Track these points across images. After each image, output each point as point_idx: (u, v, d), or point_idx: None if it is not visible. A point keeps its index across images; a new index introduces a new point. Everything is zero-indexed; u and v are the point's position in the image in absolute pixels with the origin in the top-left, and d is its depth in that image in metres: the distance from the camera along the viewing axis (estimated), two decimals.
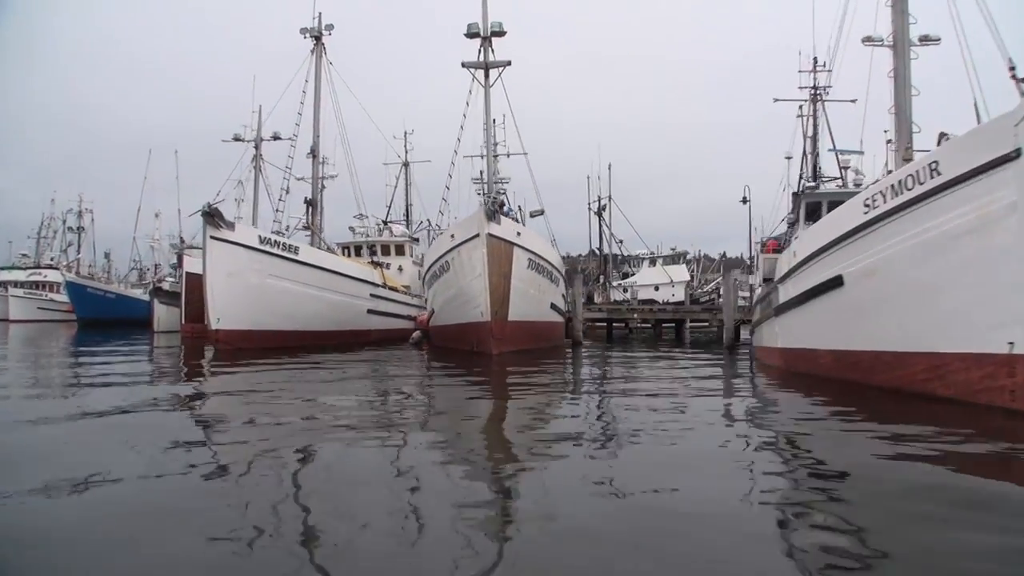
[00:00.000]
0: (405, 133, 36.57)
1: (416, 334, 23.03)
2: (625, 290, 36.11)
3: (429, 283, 20.34)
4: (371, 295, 24.11)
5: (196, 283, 27.24)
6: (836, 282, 10.67)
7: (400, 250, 31.05)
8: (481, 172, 27.22)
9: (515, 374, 13.57)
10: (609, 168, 41.88)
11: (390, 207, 35.52)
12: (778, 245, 23.90)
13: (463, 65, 22.94)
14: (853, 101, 24.64)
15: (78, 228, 54.03)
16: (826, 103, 24.18)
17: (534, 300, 19.18)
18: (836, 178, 23.32)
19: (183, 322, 27.64)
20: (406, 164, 36.44)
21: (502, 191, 23.06)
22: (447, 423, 8.13)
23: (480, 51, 22.94)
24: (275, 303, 19.66)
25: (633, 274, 39.79)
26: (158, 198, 65.62)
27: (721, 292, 29.86)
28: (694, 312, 30.76)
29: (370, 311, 24.09)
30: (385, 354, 19.09)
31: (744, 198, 48.70)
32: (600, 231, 41.81)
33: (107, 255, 57.88)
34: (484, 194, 22.68)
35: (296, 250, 20.21)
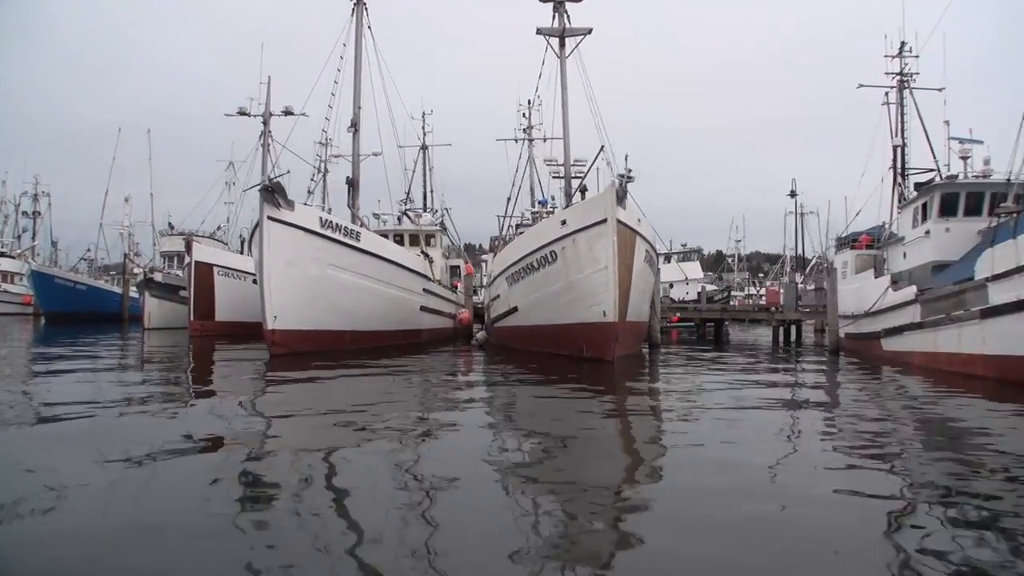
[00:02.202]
0: (423, 114, 33.50)
1: (481, 334, 20.27)
2: None
3: (513, 279, 17.59)
4: (424, 290, 21.20)
5: (206, 274, 23.85)
6: None
7: (430, 240, 28.06)
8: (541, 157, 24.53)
9: (675, 388, 11.14)
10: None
11: (408, 192, 32.43)
12: (871, 241, 22.28)
13: (538, 32, 20.40)
14: (940, 89, 23.36)
15: (33, 213, 48.75)
16: (913, 91, 22.50)
17: (643, 297, 16.79)
18: (931, 169, 21.80)
19: (192, 318, 24.03)
20: (424, 147, 33.38)
21: (580, 175, 20.46)
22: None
23: (554, 16, 20.45)
24: (336, 298, 16.64)
25: None
26: (127, 182, 60.26)
27: (745, 292, 28.12)
28: (747, 312, 29.01)
29: (423, 308, 21.19)
30: (458, 360, 16.38)
31: (792, 191, 47.85)
32: None
33: (55, 243, 52.35)
34: (562, 177, 20.09)
35: (357, 236, 17.18)
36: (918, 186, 18.64)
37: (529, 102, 31.05)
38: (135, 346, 20.43)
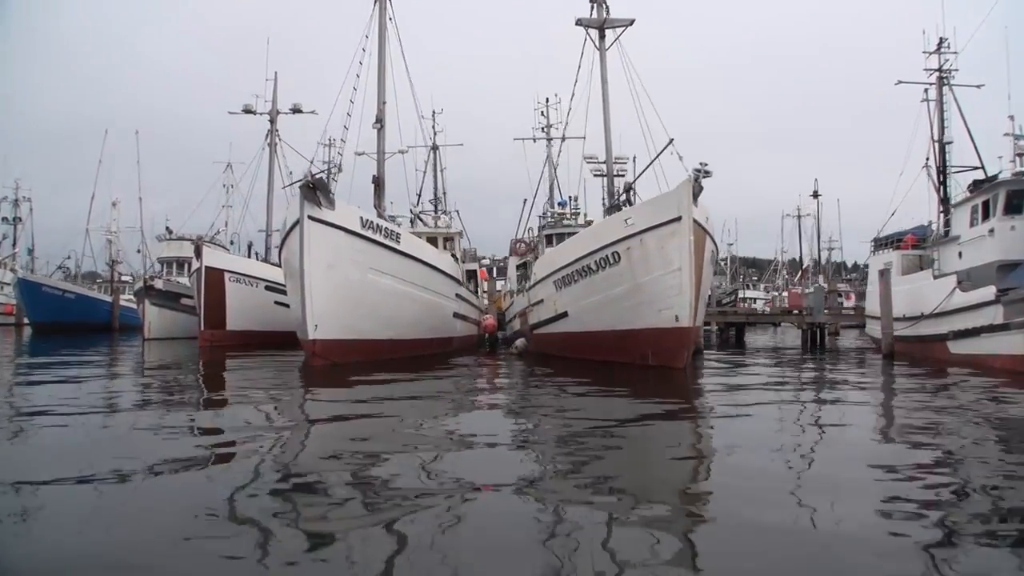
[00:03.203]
0: (433, 112, 32.34)
1: (520, 342, 19.15)
2: None
3: (563, 282, 16.52)
4: (456, 295, 20.07)
5: (217, 280, 22.44)
6: None
7: (447, 244, 26.91)
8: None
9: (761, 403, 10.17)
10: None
11: (419, 194, 31.24)
12: (917, 240, 21.66)
13: (578, 22, 19.47)
14: (979, 86, 22.89)
15: (14, 219, 46.49)
16: (953, 87, 21.97)
17: (704, 299, 15.86)
18: (975, 167, 21.24)
19: (202, 328, 22.54)
20: (435, 147, 32.22)
21: (623, 172, 19.54)
22: None
23: (592, 7, 19.55)
24: (376, 305, 15.46)
25: None
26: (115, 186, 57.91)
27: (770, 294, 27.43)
28: (775, 316, 28.36)
29: (455, 315, 20.05)
30: (508, 372, 15.23)
31: (815, 192, 47.49)
32: None
33: (30, 251, 49.78)
34: (604, 175, 19.11)
35: (398, 237, 16.00)
36: (977, 184, 17.98)
37: (547, 100, 30.12)
38: (151, 371, 18.94)
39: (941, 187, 21.56)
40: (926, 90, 22.14)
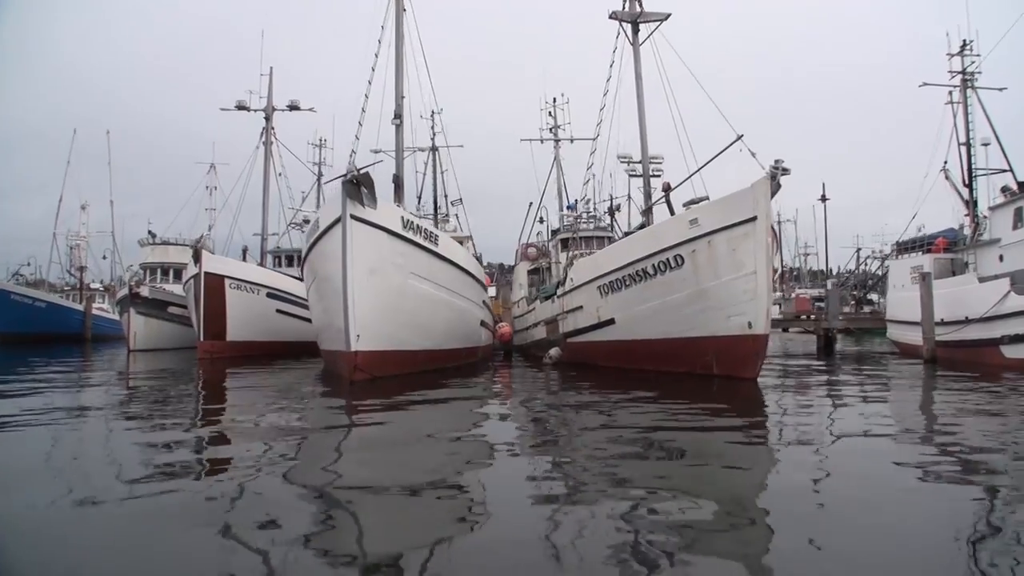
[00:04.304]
0: (433, 112, 31.15)
1: (555, 351, 18.11)
2: None
3: (610, 288, 15.57)
4: (483, 301, 18.96)
5: (217, 287, 20.88)
6: None
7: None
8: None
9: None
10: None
11: (420, 197, 29.99)
12: (948, 244, 21.39)
13: (611, 16, 18.63)
14: (1001, 89, 22.88)
15: None
16: (977, 90, 21.87)
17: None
18: (1004, 170, 21.12)
19: (201, 338, 20.88)
20: (435, 149, 31.03)
21: (659, 172, 18.71)
22: None
23: (625, 2, 18.76)
24: (415, 312, 14.25)
25: None
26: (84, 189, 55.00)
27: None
28: (787, 321, 27.96)
29: (482, 322, 18.93)
30: (543, 379, 14.16)
31: (823, 196, 47.49)
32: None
33: None
34: (639, 175, 18.25)
35: (436, 239, 14.83)
36: (1021, 186, 17.74)
37: (554, 100, 29.22)
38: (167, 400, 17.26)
39: (968, 190, 21.44)
40: (951, 92, 22.07)
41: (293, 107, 27.08)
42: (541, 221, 30.96)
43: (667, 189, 17.69)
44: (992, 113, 21.43)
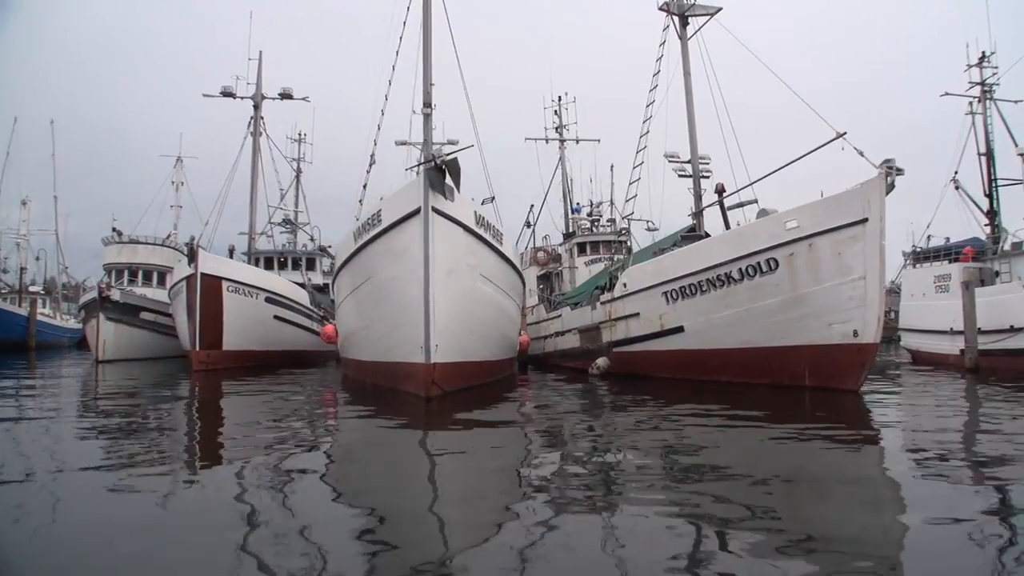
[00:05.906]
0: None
1: (602, 361, 16.89)
2: None
3: (680, 294, 14.49)
4: (522, 307, 17.58)
5: (214, 290, 18.73)
6: None
7: None
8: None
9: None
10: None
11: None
12: (975, 253, 21.50)
13: (659, 8, 17.76)
14: (1017, 102, 23.35)
15: None
16: (997, 102, 22.24)
17: None
18: (1021, 180, 21.47)
19: (196, 347, 18.55)
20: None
21: (708, 172, 17.85)
22: None
23: None
24: (482, 319, 12.81)
25: None
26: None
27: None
28: None
29: (521, 330, 17.55)
30: (621, 402, 12.90)
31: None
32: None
33: None
34: (689, 176, 17.33)
35: (501, 237, 13.42)
36: None
37: (559, 99, 28.16)
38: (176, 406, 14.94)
39: (988, 200, 21.72)
40: (971, 103, 22.39)
41: (285, 96, 24.93)
42: (528, 226, 29.83)
43: (720, 191, 16.90)
44: (1012, 124, 21.84)
